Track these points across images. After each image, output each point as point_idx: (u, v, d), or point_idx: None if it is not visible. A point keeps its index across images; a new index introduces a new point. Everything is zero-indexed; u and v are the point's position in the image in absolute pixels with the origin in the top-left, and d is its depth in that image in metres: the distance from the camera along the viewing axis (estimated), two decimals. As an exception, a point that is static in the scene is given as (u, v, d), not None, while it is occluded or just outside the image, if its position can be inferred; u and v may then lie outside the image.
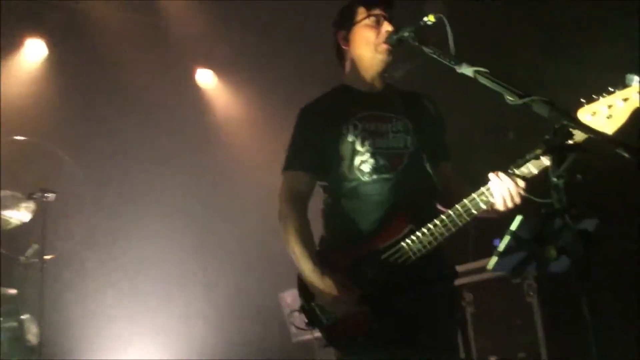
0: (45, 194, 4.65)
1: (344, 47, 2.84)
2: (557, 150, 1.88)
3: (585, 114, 2.03)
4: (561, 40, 5.18)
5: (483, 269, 4.32)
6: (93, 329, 5.62)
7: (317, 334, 2.65)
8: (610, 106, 2.00)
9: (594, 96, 2.05)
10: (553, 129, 1.94)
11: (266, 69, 6.29)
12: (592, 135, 1.87)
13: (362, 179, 2.65)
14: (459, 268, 4.59)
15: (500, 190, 2.37)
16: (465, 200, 2.46)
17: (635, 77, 1.91)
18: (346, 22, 2.82)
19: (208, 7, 5.87)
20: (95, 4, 5.66)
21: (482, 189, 2.43)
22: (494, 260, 2.36)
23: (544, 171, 2.22)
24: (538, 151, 2.06)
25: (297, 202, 2.72)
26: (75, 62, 5.83)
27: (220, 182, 6.40)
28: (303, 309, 2.65)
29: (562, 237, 1.88)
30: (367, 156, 2.66)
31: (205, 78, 6.71)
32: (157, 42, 5.98)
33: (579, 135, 1.93)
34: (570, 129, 1.90)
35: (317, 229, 2.77)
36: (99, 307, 5.72)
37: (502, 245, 2.32)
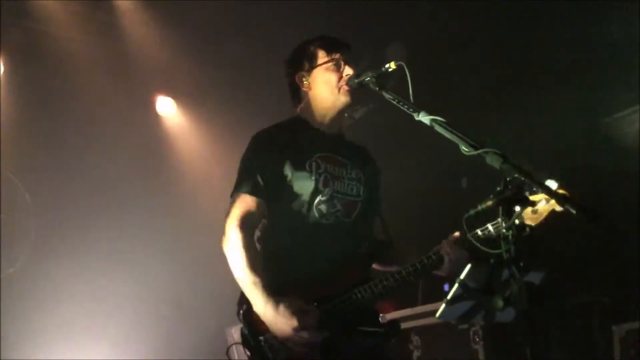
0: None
1: (303, 89, 2.83)
2: (507, 203, 1.92)
3: None
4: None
5: (431, 313, 4.33)
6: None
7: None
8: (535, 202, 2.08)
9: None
10: (504, 180, 1.98)
11: (227, 100, 6.28)
12: (542, 191, 1.91)
13: (321, 220, 2.63)
14: (408, 311, 4.67)
15: (450, 257, 2.45)
16: (415, 262, 2.52)
17: (553, 183, 1.99)
18: (305, 65, 2.81)
19: (172, 35, 5.86)
20: (57, 26, 5.58)
21: (430, 253, 2.51)
22: (442, 308, 2.38)
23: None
24: (489, 202, 2.10)
25: (247, 229, 2.60)
26: (33, 82, 5.70)
27: (172, 210, 6.29)
28: (248, 345, 2.50)
29: (509, 288, 1.90)
30: (326, 198, 2.65)
31: (166, 106, 6.65)
32: (119, 67, 5.91)
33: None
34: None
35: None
36: (39, 333, 5.51)
37: (450, 294, 2.34)
